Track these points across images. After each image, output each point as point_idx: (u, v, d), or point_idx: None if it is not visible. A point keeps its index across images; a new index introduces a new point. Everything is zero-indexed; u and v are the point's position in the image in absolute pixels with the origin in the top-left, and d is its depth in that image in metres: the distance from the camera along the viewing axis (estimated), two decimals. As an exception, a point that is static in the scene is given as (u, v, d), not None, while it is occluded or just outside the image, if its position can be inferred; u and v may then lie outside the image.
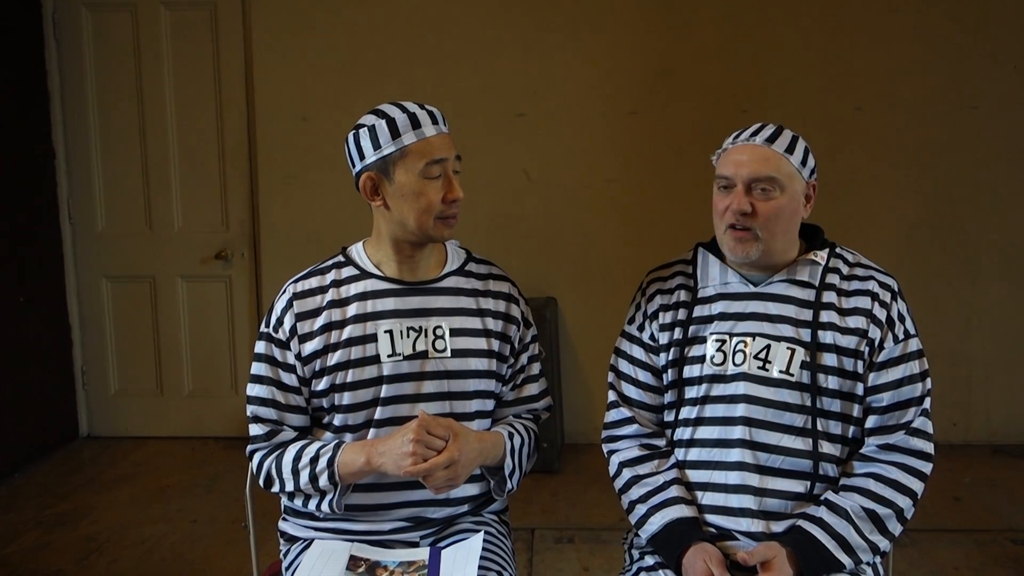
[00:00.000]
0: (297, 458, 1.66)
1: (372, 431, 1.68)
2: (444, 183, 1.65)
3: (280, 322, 1.71)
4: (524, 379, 1.82)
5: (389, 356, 1.67)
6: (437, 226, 1.66)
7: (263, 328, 1.74)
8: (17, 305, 4.03)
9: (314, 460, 1.64)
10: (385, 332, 1.68)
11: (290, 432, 1.72)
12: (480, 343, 1.73)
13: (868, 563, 1.62)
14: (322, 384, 1.68)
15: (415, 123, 1.64)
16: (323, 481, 1.62)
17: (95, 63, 4.29)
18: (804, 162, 1.64)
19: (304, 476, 1.64)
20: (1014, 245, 4.22)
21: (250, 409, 1.73)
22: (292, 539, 1.78)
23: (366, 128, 1.66)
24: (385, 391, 1.67)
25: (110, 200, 4.38)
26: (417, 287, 1.73)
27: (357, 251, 1.78)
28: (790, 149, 1.62)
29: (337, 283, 1.73)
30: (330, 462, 1.62)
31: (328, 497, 1.64)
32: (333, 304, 1.70)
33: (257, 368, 1.72)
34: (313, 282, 1.74)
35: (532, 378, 1.84)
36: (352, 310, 1.69)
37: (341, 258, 1.78)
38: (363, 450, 1.62)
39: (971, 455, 4.13)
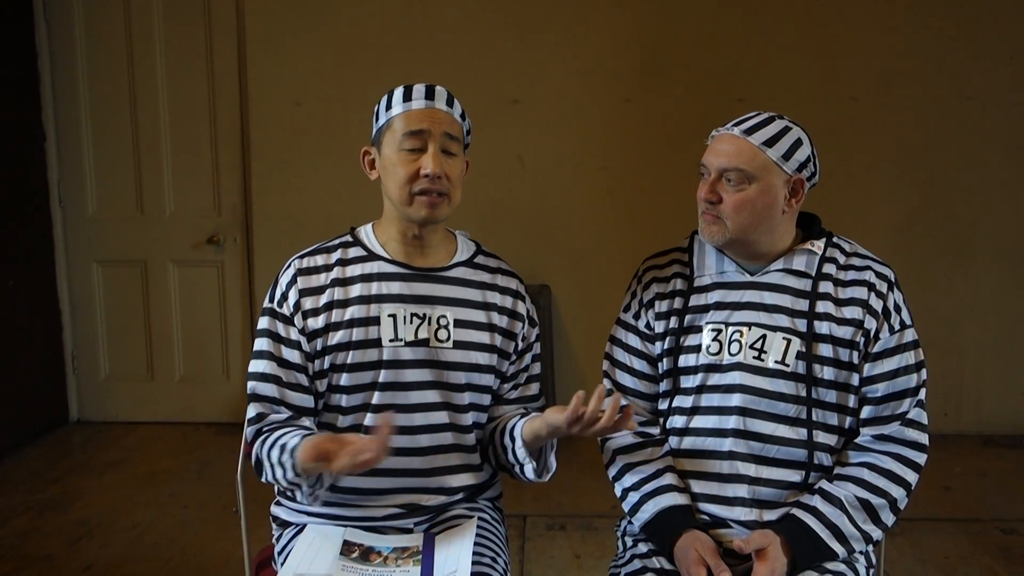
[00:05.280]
0: (273, 445, 1.57)
1: (369, 415, 1.65)
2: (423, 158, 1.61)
3: (285, 297, 1.67)
4: (528, 378, 1.81)
5: (391, 341, 1.64)
6: (416, 204, 1.62)
7: (267, 303, 1.70)
8: (6, 289, 4.00)
9: (283, 447, 1.54)
10: (389, 316, 1.65)
11: (284, 413, 1.66)
12: (483, 337, 1.71)
13: (861, 552, 1.63)
14: (324, 363, 1.65)
15: (407, 96, 1.64)
16: (289, 472, 1.51)
17: (86, 46, 4.25)
18: (789, 156, 1.60)
19: (277, 465, 1.54)
20: (1007, 236, 4.23)
21: (249, 386, 1.68)
22: (284, 524, 1.77)
23: (377, 104, 1.68)
24: (384, 376, 1.65)
25: (101, 184, 4.35)
26: (424, 273, 1.70)
27: (366, 232, 1.75)
28: (771, 142, 1.60)
29: (343, 262, 1.69)
30: (292, 451, 1.50)
31: (303, 488, 1.54)
32: (337, 283, 1.67)
33: (259, 344, 1.69)
34: (319, 259, 1.70)
35: (535, 377, 1.83)
36: (356, 290, 1.66)
37: (349, 238, 1.75)
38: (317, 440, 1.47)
39: (962, 445, 4.16)
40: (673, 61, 4.18)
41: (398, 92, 1.65)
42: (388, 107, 1.65)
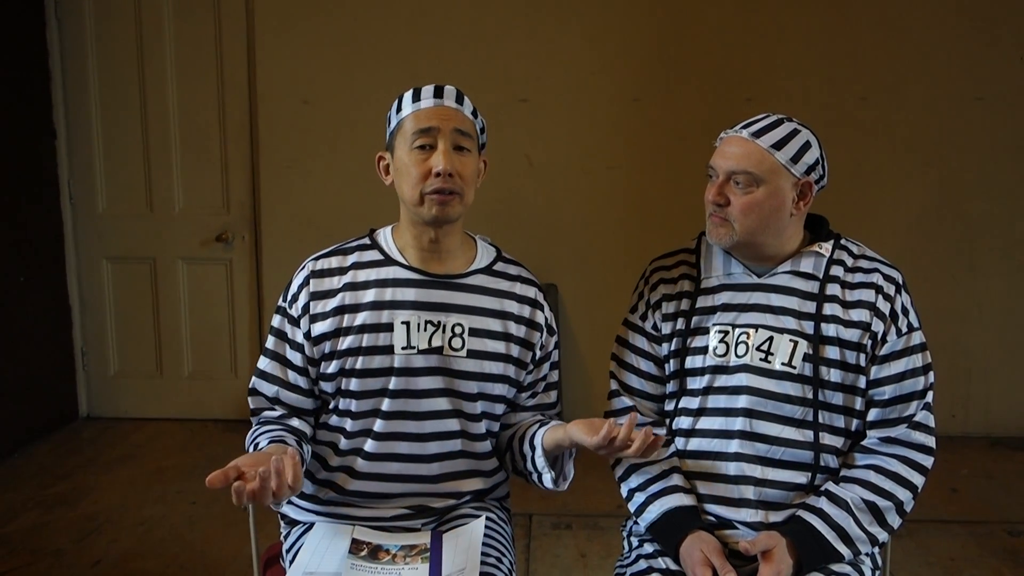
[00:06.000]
0: (251, 442, 1.60)
1: (379, 422, 1.65)
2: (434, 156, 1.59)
3: (295, 298, 1.67)
4: (546, 386, 1.81)
5: (403, 348, 1.63)
6: (427, 203, 1.59)
7: (280, 302, 1.71)
8: (17, 285, 4.02)
9: (256, 447, 1.56)
10: (402, 323, 1.63)
11: (278, 410, 1.69)
12: (499, 346, 1.68)
13: (867, 554, 1.63)
14: (331, 367, 1.65)
15: (416, 97, 1.64)
16: None
17: (96, 43, 4.27)
18: (797, 159, 1.60)
19: None
20: (1017, 237, 4.22)
21: (252, 380, 1.71)
22: (293, 522, 1.78)
23: (389, 110, 1.68)
24: (394, 383, 1.64)
25: (111, 181, 4.37)
26: (441, 280, 1.67)
27: (384, 235, 1.74)
28: (779, 145, 1.59)
29: (358, 266, 1.68)
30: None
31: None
32: (349, 287, 1.66)
33: (269, 341, 1.71)
34: (333, 261, 1.69)
35: (552, 385, 1.82)
36: (369, 296, 1.65)
37: (367, 240, 1.73)
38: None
39: (969, 447, 4.15)
40: (682, 60, 4.18)
41: (407, 94, 1.65)
42: (399, 110, 1.65)
